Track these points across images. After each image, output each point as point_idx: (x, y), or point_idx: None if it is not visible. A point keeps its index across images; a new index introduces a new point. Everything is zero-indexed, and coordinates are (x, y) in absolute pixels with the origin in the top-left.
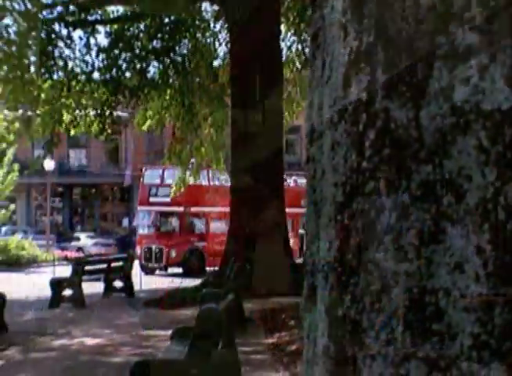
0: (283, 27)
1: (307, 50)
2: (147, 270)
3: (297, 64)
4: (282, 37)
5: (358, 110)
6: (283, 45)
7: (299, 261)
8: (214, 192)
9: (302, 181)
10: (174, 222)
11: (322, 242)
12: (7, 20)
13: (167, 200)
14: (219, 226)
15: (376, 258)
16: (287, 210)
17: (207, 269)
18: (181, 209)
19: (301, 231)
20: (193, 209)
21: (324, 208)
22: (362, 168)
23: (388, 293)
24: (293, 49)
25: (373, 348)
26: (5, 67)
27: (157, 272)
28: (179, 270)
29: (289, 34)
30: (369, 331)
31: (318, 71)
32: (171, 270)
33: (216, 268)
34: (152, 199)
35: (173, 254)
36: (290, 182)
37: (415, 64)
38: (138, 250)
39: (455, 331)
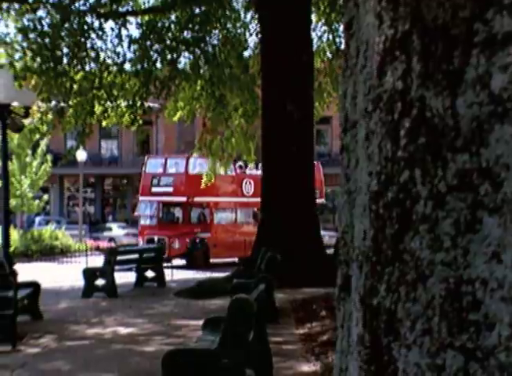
0: (313, 17)
1: (338, 40)
2: None
3: (328, 54)
4: (312, 26)
5: (394, 99)
6: (313, 34)
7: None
8: (218, 181)
9: None
10: (177, 212)
11: (356, 231)
12: (40, 12)
13: (170, 189)
14: (223, 217)
15: (411, 248)
16: None
17: (211, 260)
18: (183, 199)
19: None
20: (196, 199)
21: (358, 198)
22: (398, 157)
23: (424, 282)
24: (324, 39)
25: (408, 337)
26: (38, 59)
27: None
28: (183, 262)
29: (320, 23)
30: (404, 321)
31: (352, 60)
32: (173, 262)
33: (220, 259)
34: (154, 189)
35: (176, 245)
36: None
37: (451, 52)
38: (140, 241)
39: (492, 322)
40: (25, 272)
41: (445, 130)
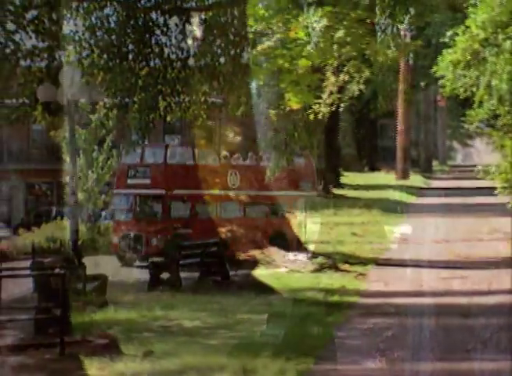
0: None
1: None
2: (124, 261)
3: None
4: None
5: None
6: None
7: None
8: (201, 173)
9: (299, 160)
10: (155, 206)
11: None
12: (107, 10)
13: (147, 181)
14: (206, 211)
15: None
16: (284, 193)
17: None
18: (162, 192)
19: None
20: (176, 192)
21: None
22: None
23: None
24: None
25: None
26: (105, 56)
27: (137, 263)
28: None
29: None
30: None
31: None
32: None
33: None
34: (130, 181)
35: (154, 242)
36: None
37: None
38: (114, 238)
39: None
40: (92, 265)
41: None
